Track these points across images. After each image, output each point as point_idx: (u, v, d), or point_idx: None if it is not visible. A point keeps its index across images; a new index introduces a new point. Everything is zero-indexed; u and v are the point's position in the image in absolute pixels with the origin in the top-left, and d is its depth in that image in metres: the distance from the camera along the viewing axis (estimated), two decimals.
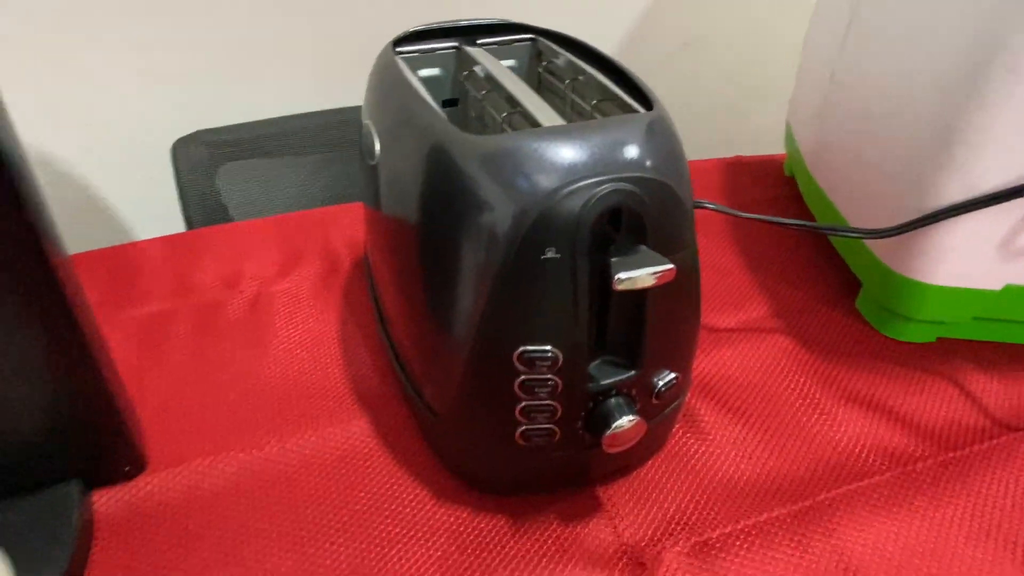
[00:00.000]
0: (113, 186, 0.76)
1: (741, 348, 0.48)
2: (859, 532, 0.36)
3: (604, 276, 0.30)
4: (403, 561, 0.34)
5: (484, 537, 0.35)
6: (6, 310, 0.31)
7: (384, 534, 0.36)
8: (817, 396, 0.44)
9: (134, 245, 0.59)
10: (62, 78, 0.71)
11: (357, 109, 0.43)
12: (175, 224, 0.68)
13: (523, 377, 0.31)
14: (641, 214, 0.29)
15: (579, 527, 0.36)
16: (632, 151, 0.29)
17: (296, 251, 0.57)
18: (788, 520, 0.36)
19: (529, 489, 0.37)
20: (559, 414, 0.32)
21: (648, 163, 0.29)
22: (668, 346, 0.34)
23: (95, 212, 0.76)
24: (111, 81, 0.72)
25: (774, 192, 0.66)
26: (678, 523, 0.36)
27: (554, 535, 0.36)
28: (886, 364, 0.46)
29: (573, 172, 0.28)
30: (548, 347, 0.30)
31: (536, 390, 0.31)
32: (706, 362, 0.47)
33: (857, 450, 0.40)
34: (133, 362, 0.46)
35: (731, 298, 0.53)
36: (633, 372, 0.33)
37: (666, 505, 0.37)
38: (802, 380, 0.45)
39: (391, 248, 0.38)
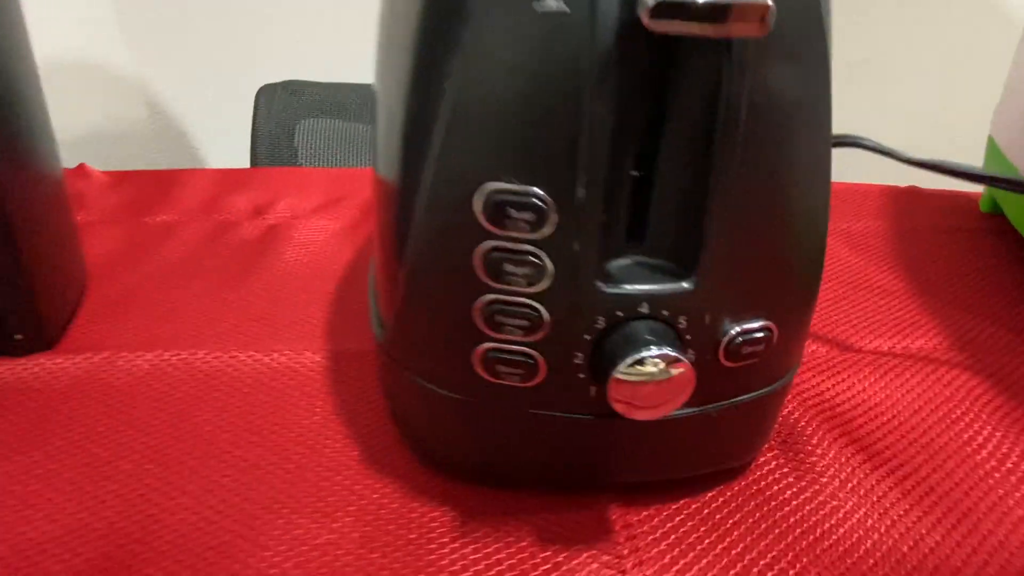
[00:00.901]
0: (196, 118, 0.75)
1: (893, 376, 0.31)
2: None
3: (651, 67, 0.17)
4: (273, 529, 0.22)
5: (401, 524, 0.22)
6: None
7: (269, 492, 0.23)
8: (1019, 459, 0.26)
9: (189, 171, 0.55)
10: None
11: None
12: (242, 164, 0.64)
13: (491, 243, 0.19)
14: None
15: (561, 551, 0.21)
16: None
17: (337, 198, 0.51)
18: None
19: (491, 475, 0.23)
20: (544, 325, 0.19)
21: None
22: (758, 261, 0.20)
23: (171, 138, 0.75)
24: (212, 17, 0.72)
25: (966, 223, 0.49)
26: None
27: (515, 553, 0.21)
28: None
29: None
30: (533, 188, 0.18)
31: (508, 272, 0.19)
32: (834, 382, 0.31)
33: None
34: (114, 256, 0.40)
35: (887, 322, 0.36)
36: (683, 284, 0.19)
37: (723, 556, 0.22)
38: (992, 433, 0.28)
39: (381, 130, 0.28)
